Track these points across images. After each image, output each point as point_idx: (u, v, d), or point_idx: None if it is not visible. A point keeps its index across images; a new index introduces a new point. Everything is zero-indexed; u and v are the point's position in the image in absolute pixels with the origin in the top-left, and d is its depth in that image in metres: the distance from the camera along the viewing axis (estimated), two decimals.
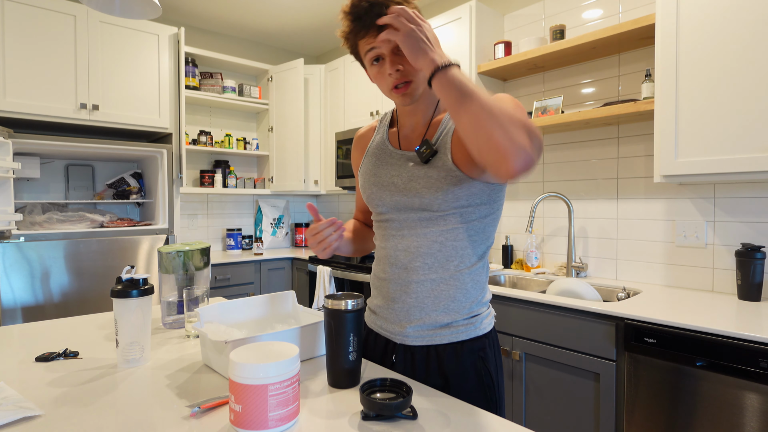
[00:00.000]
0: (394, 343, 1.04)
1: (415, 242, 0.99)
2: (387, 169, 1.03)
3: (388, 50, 0.92)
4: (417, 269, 0.98)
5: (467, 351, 0.99)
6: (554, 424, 1.77)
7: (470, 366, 0.98)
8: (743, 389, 1.32)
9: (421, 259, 0.98)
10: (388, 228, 1.04)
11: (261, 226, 3.76)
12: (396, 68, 0.92)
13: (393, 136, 1.08)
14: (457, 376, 0.98)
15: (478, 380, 0.98)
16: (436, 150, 0.96)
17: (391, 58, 0.93)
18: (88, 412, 0.80)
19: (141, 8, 1.34)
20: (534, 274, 2.35)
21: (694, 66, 1.63)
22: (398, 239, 1.01)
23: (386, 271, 1.04)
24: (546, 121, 2.16)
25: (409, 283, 1.00)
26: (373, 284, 1.10)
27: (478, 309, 1.02)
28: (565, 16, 2.35)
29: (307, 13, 3.32)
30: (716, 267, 1.87)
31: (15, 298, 2.32)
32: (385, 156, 1.06)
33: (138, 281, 1.02)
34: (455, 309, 0.99)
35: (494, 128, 0.74)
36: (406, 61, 0.92)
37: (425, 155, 0.96)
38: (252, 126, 3.85)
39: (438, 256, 0.98)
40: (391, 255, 1.03)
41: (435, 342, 0.99)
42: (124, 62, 2.71)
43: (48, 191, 2.83)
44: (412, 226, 0.99)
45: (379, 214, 1.06)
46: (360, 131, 1.19)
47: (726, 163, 1.56)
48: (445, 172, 0.94)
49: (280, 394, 0.70)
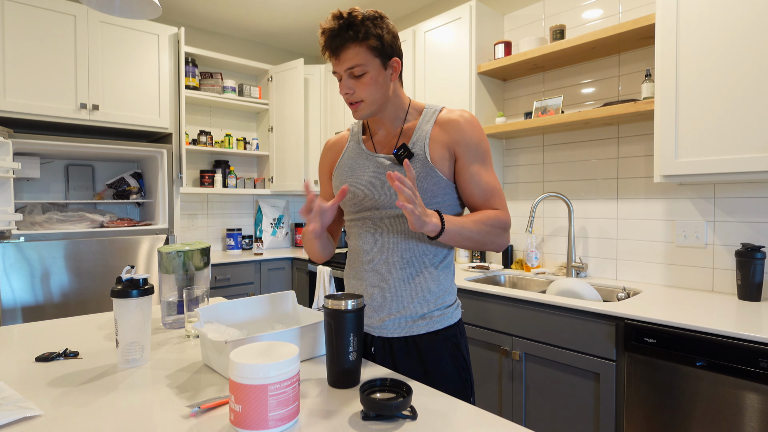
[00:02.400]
0: (372, 336, 1.12)
1: (392, 238, 1.08)
2: (365, 171, 1.12)
3: (344, 72, 1.04)
4: (395, 264, 1.07)
5: (441, 339, 1.09)
6: (554, 424, 1.77)
7: (446, 352, 1.08)
8: (743, 389, 1.32)
9: (399, 254, 1.07)
10: (364, 226, 1.12)
11: (261, 226, 3.76)
12: (346, 91, 1.05)
13: (367, 142, 1.17)
14: (434, 362, 1.07)
15: (454, 364, 1.09)
16: (412, 153, 1.06)
17: (345, 80, 1.04)
18: (88, 412, 0.80)
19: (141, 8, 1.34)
20: (534, 274, 2.35)
21: (694, 66, 1.63)
22: (375, 236, 1.10)
23: (363, 270, 1.12)
24: (546, 121, 2.16)
25: (387, 279, 1.08)
26: (348, 284, 1.18)
27: (450, 299, 1.12)
28: (565, 16, 2.35)
29: (307, 13, 3.32)
30: (716, 267, 1.87)
31: (15, 298, 2.32)
32: (362, 159, 1.15)
33: (138, 281, 1.02)
34: (430, 300, 1.09)
35: (485, 245, 1.05)
36: (359, 85, 1.04)
37: (402, 157, 1.06)
38: (252, 126, 3.85)
39: (415, 250, 1.07)
40: (368, 252, 1.11)
41: (413, 333, 1.08)
42: (124, 62, 2.71)
43: (48, 191, 2.83)
44: (390, 224, 1.08)
45: (356, 212, 1.14)
46: (331, 139, 1.27)
47: (726, 163, 1.56)
48: (425, 172, 1.05)
49: (280, 394, 0.70)
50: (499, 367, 1.95)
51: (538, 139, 2.49)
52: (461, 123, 1.08)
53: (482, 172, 1.08)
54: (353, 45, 1.00)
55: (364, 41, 1.00)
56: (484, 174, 1.08)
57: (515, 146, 2.61)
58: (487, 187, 1.08)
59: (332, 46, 1.01)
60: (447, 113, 1.10)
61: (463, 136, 1.07)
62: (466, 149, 1.07)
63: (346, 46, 1.01)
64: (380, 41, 1.01)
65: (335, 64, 1.04)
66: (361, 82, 1.03)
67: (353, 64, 1.01)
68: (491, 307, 1.96)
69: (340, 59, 1.02)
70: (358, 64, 1.01)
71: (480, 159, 1.08)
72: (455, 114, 1.09)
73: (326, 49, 1.04)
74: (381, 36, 1.01)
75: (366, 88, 1.04)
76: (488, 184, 1.08)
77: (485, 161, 1.09)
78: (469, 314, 2.06)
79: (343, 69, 1.03)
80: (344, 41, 1.00)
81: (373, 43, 1.01)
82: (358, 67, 1.02)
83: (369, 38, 1.00)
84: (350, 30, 1.00)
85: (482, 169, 1.08)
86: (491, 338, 1.96)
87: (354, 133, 1.22)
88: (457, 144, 1.07)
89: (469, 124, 1.08)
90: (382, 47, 1.02)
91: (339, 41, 1.00)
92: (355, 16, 1.00)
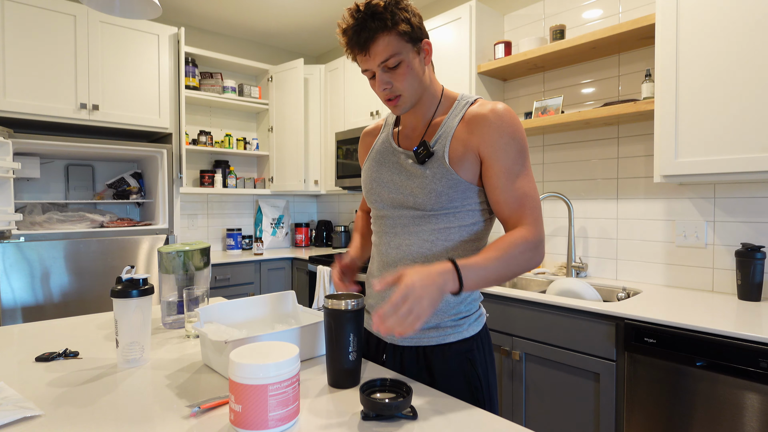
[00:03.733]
0: (385, 342, 1.07)
1: (406, 240, 1.02)
2: (387, 167, 1.06)
3: (377, 68, 0.95)
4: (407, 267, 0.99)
5: (454, 353, 1.00)
6: (554, 424, 1.77)
7: (457, 367, 0.99)
8: (743, 389, 1.32)
9: (411, 258, 1.01)
10: (383, 225, 1.07)
11: (261, 226, 3.76)
12: (384, 87, 0.97)
13: (396, 135, 1.11)
14: (444, 377, 0.99)
15: (466, 382, 1.00)
16: (432, 152, 0.98)
17: (380, 75, 0.96)
18: (88, 412, 0.80)
19: (141, 8, 1.34)
20: (534, 274, 2.35)
21: (694, 66, 1.63)
22: (391, 236, 1.04)
23: (379, 270, 1.07)
24: (546, 121, 2.16)
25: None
26: (368, 284, 1.13)
27: (466, 310, 1.03)
28: (565, 16, 2.35)
29: (307, 13, 3.32)
30: (716, 267, 1.87)
31: (15, 298, 2.32)
32: (387, 153, 1.08)
33: (138, 281, 1.02)
34: (443, 309, 1.00)
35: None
36: (395, 77, 0.96)
37: (422, 156, 0.98)
38: (252, 126, 3.85)
39: (428, 255, 0.99)
40: (384, 253, 1.06)
41: (423, 343, 1.01)
42: (124, 62, 2.71)
43: (48, 191, 2.83)
44: (405, 224, 1.02)
45: (377, 210, 1.09)
46: (368, 128, 1.22)
47: (726, 163, 1.56)
48: (441, 173, 0.97)
49: (280, 394, 0.70)
50: (499, 367, 1.95)
51: (538, 139, 2.49)
52: (489, 119, 0.95)
53: (512, 176, 0.95)
54: (383, 35, 0.92)
55: (394, 28, 0.92)
56: (514, 178, 0.95)
57: None
58: (515, 194, 0.94)
59: (359, 41, 0.93)
60: (477, 107, 0.99)
61: (490, 135, 0.95)
62: (492, 150, 0.95)
63: (375, 38, 0.92)
64: (409, 24, 0.93)
65: (365, 60, 0.95)
66: (397, 73, 0.95)
67: (387, 55, 0.93)
68: (491, 307, 1.96)
69: (371, 54, 0.93)
70: (392, 54, 0.92)
71: (510, 161, 0.95)
72: (486, 108, 0.97)
73: (353, 47, 0.95)
74: (408, 19, 0.93)
75: (404, 78, 0.95)
76: (517, 190, 0.94)
77: (517, 163, 0.95)
78: None
79: (377, 63, 0.94)
80: (372, 33, 0.91)
81: (403, 28, 0.92)
82: (393, 58, 0.93)
83: (398, 24, 0.92)
84: (375, 20, 0.91)
85: (512, 173, 0.95)
86: (491, 338, 1.96)
87: (387, 124, 1.15)
88: (483, 144, 0.95)
89: (500, 120, 0.95)
90: (413, 30, 0.94)
91: (366, 35, 0.92)
92: (376, 4, 0.91)
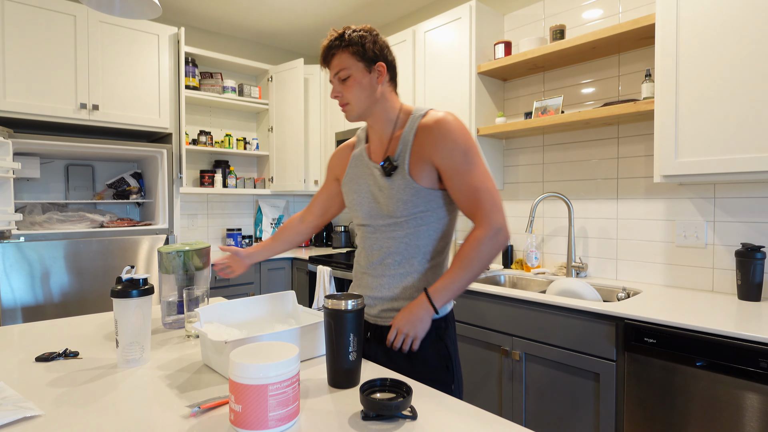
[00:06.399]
0: (368, 322, 1.25)
1: (386, 243, 1.19)
2: (363, 180, 1.24)
3: (333, 78, 1.18)
4: (389, 265, 1.19)
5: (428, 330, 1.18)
6: (554, 424, 1.77)
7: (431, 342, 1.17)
8: (743, 389, 1.32)
9: (392, 258, 1.19)
10: (365, 232, 1.25)
11: (261, 226, 3.76)
12: (335, 94, 1.18)
13: (367, 149, 1.27)
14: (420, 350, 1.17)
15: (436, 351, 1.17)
16: (396, 165, 1.15)
17: (334, 84, 1.18)
18: (88, 412, 0.80)
19: (141, 8, 1.34)
20: (534, 274, 2.35)
21: (694, 66, 1.63)
22: (373, 241, 1.22)
23: (366, 265, 1.24)
24: (546, 121, 2.16)
25: (383, 276, 1.20)
26: (355, 275, 1.30)
27: None
28: (565, 16, 2.35)
29: (307, 13, 3.32)
30: (716, 267, 1.87)
31: (15, 298, 2.32)
32: (362, 166, 1.25)
33: (138, 281, 1.02)
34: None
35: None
36: (345, 88, 1.16)
37: (387, 170, 1.16)
38: (252, 126, 3.85)
39: (404, 254, 1.17)
40: (369, 253, 1.23)
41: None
42: (124, 62, 2.70)
43: (48, 191, 2.83)
44: (383, 230, 1.20)
45: (359, 220, 1.25)
46: (340, 146, 1.40)
47: (726, 163, 1.56)
48: (404, 184, 1.14)
49: (280, 394, 0.70)
50: (499, 367, 1.95)
51: (538, 139, 2.49)
52: (433, 130, 1.12)
53: (461, 175, 1.10)
54: (338, 52, 1.15)
55: (347, 48, 1.14)
56: (464, 177, 1.10)
57: (515, 146, 2.61)
58: (469, 190, 1.11)
59: (325, 57, 1.18)
60: (426, 120, 1.15)
61: (436, 144, 1.11)
62: (442, 158, 1.11)
63: (333, 53, 1.16)
64: (362, 47, 1.14)
65: (329, 72, 1.18)
66: (346, 85, 1.16)
67: (338, 69, 1.15)
68: (491, 307, 1.96)
69: (330, 66, 1.18)
70: (342, 68, 1.15)
71: (457, 163, 1.10)
72: (431, 119, 1.13)
73: (322, 60, 1.20)
74: (363, 42, 1.14)
75: (350, 90, 1.15)
76: (470, 186, 1.10)
77: (464, 163, 1.10)
78: (469, 314, 2.06)
79: (333, 74, 1.18)
80: (332, 50, 1.16)
81: (354, 49, 1.14)
82: (343, 71, 1.15)
83: (351, 45, 1.14)
84: (336, 41, 1.16)
85: (461, 173, 1.10)
86: (491, 338, 1.97)
87: (360, 140, 1.32)
88: (434, 153, 1.12)
89: (442, 129, 1.11)
90: (364, 52, 1.14)
91: (328, 51, 1.17)
92: (344, 31, 1.16)
